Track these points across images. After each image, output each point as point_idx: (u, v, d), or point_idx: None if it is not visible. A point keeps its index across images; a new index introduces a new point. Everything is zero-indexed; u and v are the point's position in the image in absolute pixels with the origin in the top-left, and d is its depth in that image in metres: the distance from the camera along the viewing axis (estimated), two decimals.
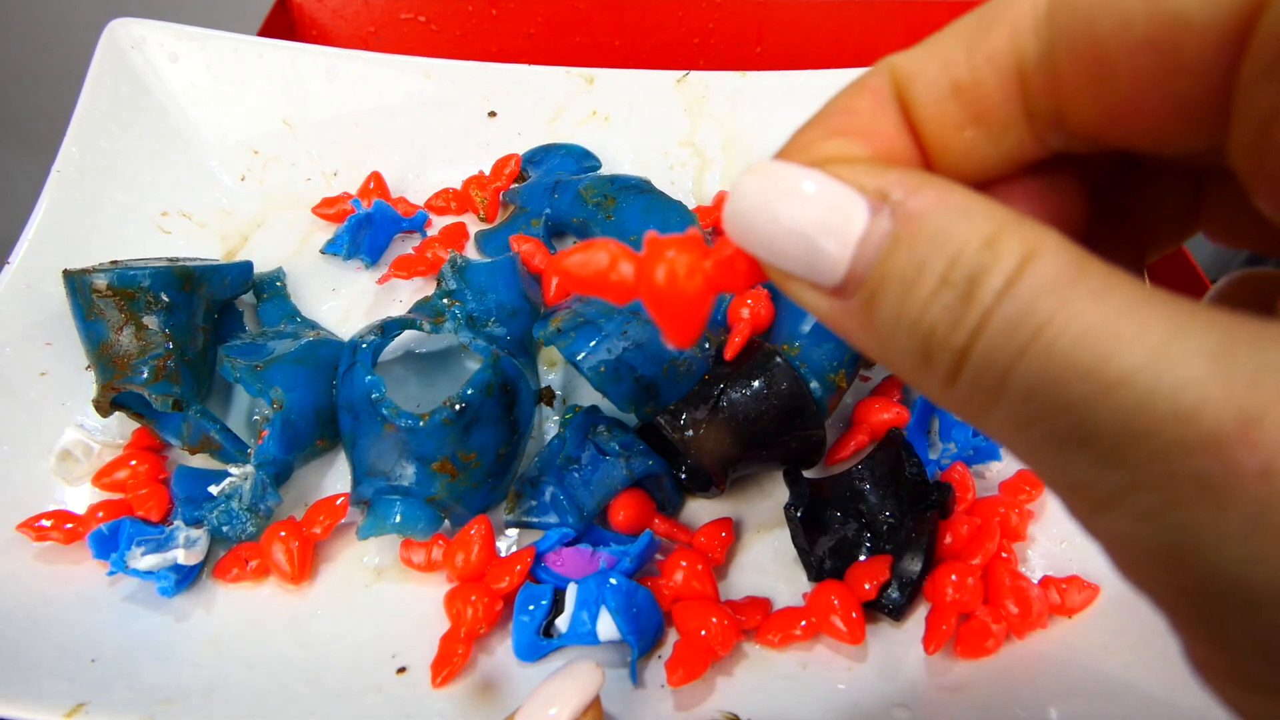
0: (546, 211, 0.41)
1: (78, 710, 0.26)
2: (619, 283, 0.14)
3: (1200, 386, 0.10)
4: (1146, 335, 0.10)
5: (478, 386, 0.32)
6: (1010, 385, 0.11)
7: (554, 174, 0.43)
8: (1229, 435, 0.10)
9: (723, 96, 0.46)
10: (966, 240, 0.11)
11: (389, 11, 0.54)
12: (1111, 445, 0.10)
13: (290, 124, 0.45)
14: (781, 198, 0.13)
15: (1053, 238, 0.11)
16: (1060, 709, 0.27)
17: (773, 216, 0.13)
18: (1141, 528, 0.10)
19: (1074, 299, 0.11)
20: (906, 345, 0.12)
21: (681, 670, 0.29)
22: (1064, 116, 0.13)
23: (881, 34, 0.55)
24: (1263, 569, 0.10)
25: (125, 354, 0.33)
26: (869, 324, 0.12)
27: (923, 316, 0.12)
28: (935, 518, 0.32)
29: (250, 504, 0.32)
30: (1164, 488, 0.10)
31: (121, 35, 0.43)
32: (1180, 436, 0.10)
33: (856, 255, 0.12)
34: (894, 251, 0.12)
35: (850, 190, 0.12)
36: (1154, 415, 0.10)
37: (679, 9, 0.54)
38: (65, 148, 0.40)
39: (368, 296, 0.42)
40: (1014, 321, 0.11)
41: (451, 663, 0.29)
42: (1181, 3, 0.11)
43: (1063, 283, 0.11)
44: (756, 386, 0.32)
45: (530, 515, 0.33)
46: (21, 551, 0.32)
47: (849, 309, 0.13)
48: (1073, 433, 0.11)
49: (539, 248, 0.40)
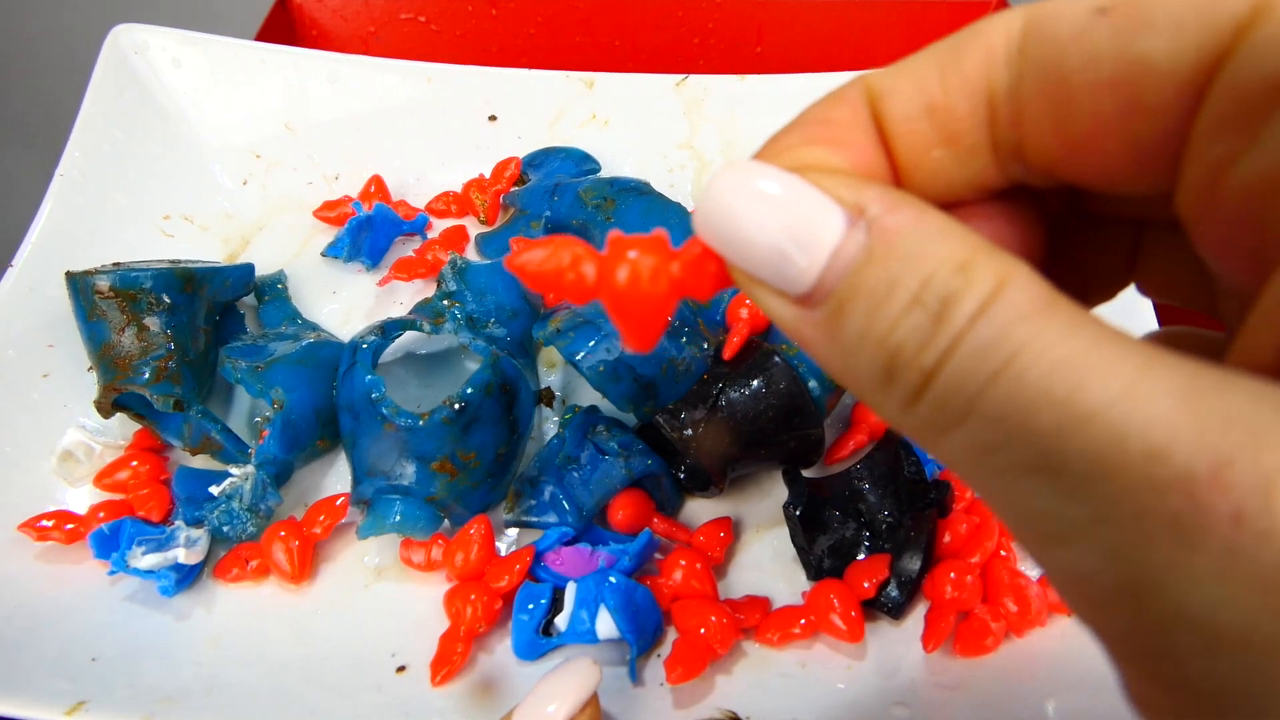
0: (546, 214, 0.42)
1: (78, 708, 0.26)
2: (576, 282, 0.14)
3: (1170, 426, 0.10)
4: (1117, 371, 0.10)
5: (477, 386, 0.32)
6: (978, 410, 0.11)
7: (554, 177, 0.43)
8: (1200, 477, 0.09)
9: (721, 100, 0.46)
10: (942, 262, 0.11)
11: (389, 11, 0.54)
12: (1080, 477, 0.10)
13: (292, 128, 0.46)
14: (756, 200, 0.12)
15: (1024, 269, 0.11)
16: (1058, 704, 0.27)
17: (745, 218, 0.12)
18: (1103, 563, 0.10)
19: (1046, 330, 0.11)
20: (870, 361, 0.12)
21: (680, 668, 0.29)
22: (1025, 147, 0.13)
23: (881, 34, 0.56)
24: (1231, 613, 0.10)
25: (127, 355, 0.33)
26: (833, 336, 0.12)
27: (890, 334, 0.12)
28: (934, 516, 0.32)
29: (251, 504, 0.32)
30: (1132, 524, 0.10)
31: (125, 40, 0.43)
32: (1151, 474, 0.10)
33: (828, 266, 0.12)
34: (867, 266, 0.12)
35: (827, 199, 0.12)
36: (1125, 451, 0.10)
37: (679, 9, 0.54)
38: (69, 151, 0.40)
39: (368, 299, 0.42)
40: (986, 347, 0.11)
41: (451, 661, 0.29)
42: (1149, 47, 0.12)
43: (1034, 313, 0.11)
44: (755, 386, 0.32)
45: (530, 515, 0.33)
46: (23, 551, 0.32)
47: (813, 319, 0.13)
48: (1040, 462, 0.11)
49: None
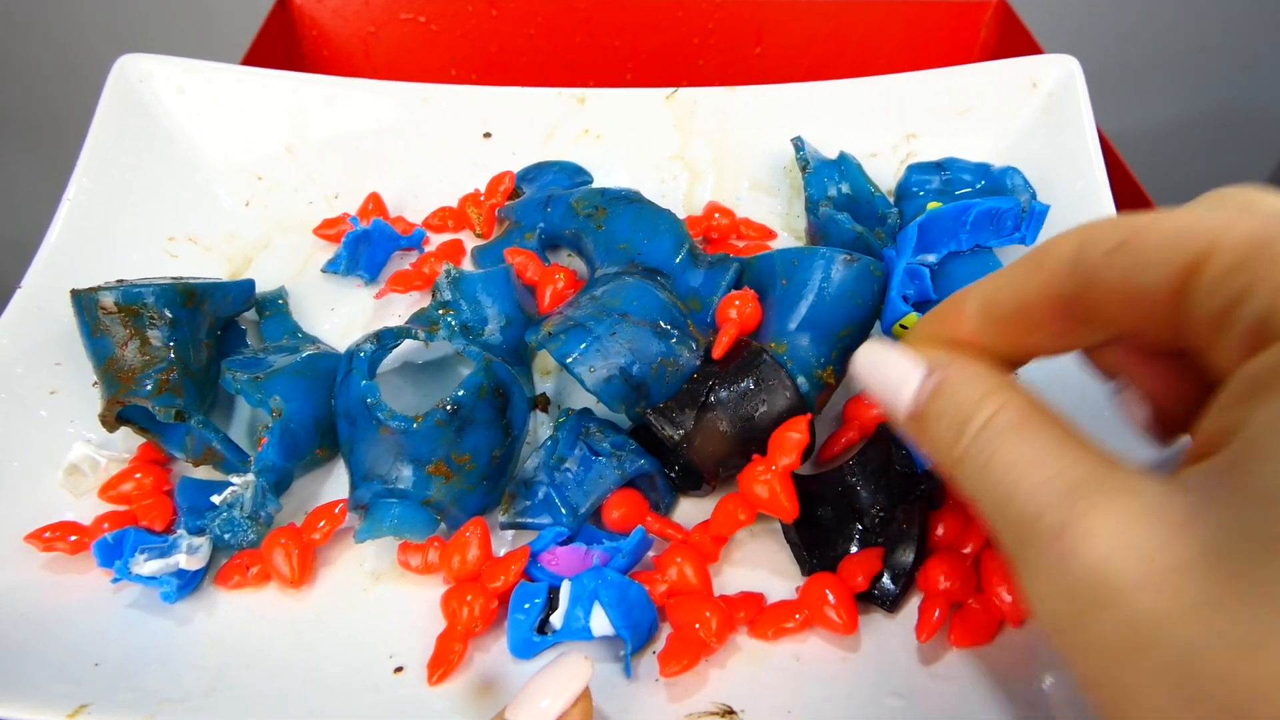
0: (540, 225, 0.42)
1: (80, 711, 0.27)
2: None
3: (1037, 488, 0.17)
4: (1043, 466, 0.18)
5: (469, 389, 0.32)
6: (975, 491, 0.19)
7: (547, 189, 0.44)
8: (1050, 525, 0.17)
9: (711, 111, 0.47)
10: (966, 396, 0.20)
11: (389, 11, 0.55)
12: (1006, 525, 0.18)
13: (292, 150, 0.47)
14: (880, 364, 0.23)
15: (1018, 397, 0.19)
16: (1051, 693, 0.27)
17: (873, 376, 0.23)
18: (1024, 571, 0.18)
19: (1009, 440, 0.19)
20: (935, 450, 0.21)
21: (675, 664, 0.29)
22: (1090, 320, 0.20)
23: (881, 35, 0.56)
24: (1043, 605, 0.17)
25: (130, 368, 0.34)
26: (922, 439, 0.21)
27: (940, 437, 0.20)
28: (925, 509, 0.32)
29: (251, 512, 0.33)
30: (1020, 550, 0.18)
31: (130, 70, 0.45)
32: (1024, 522, 0.17)
33: (914, 399, 0.21)
34: (932, 400, 0.21)
35: (913, 361, 0.22)
36: (1023, 515, 0.17)
37: (678, 9, 0.55)
38: (76, 177, 0.42)
39: (366, 313, 0.43)
40: (980, 447, 0.19)
41: (448, 660, 0.30)
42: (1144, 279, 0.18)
43: (1010, 429, 0.19)
44: (745, 384, 0.33)
45: (524, 516, 0.33)
46: (29, 561, 0.33)
47: (912, 430, 0.22)
48: (994, 515, 0.19)
49: (532, 259, 0.41)
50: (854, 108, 0.46)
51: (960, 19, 0.59)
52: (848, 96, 0.46)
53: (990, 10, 0.59)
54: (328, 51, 0.60)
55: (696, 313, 0.36)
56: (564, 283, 0.40)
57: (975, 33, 0.59)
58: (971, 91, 0.45)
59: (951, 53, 0.60)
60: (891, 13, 0.58)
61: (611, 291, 0.36)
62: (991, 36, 0.59)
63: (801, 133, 0.44)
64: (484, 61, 0.58)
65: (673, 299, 0.36)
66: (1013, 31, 0.57)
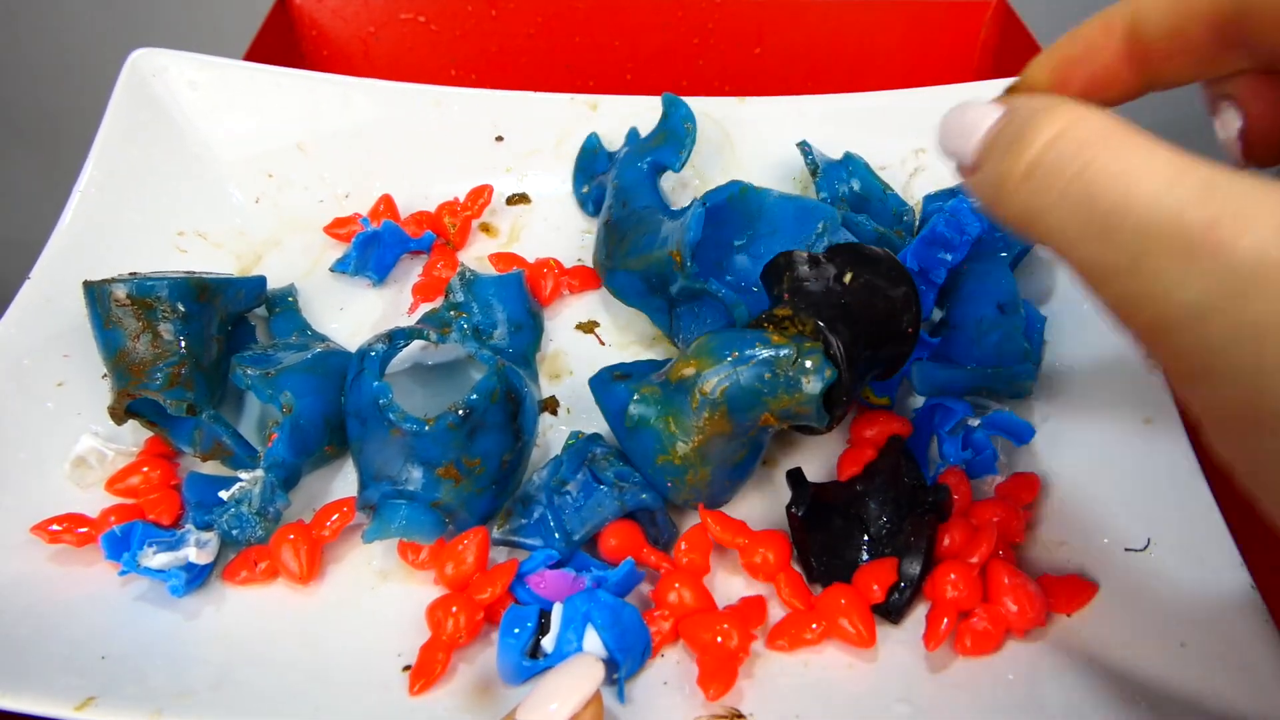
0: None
1: (88, 704, 0.27)
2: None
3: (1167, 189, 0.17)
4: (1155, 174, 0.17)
5: (482, 392, 0.33)
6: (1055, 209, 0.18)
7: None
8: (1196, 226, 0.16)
9: (720, 121, 0.48)
10: (1031, 114, 0.19)
11: (389, 11, 0.55)
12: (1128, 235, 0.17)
13: (304, 148, 0.47)
14: (958, 115, 0.22)
15: (1096, 114, 0.18)
16: (1058, 701, 0.27)
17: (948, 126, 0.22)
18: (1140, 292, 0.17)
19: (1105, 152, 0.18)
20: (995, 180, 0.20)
21: (715, 683, 0.28)
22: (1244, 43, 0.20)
23: (881, 35, 0.57)
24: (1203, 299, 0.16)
25: (141, 361, 0.34)
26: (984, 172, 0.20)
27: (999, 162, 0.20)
28: (933, 521, 0.32)
29: (260, 507, 0.33)
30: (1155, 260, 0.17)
31: (144, 64, 0.45)
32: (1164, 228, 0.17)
33: (983, 138, 0.21)
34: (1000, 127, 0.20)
35: (990, 107, 0.21)
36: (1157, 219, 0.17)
37: (678, 10, 0.55)
38: (88, 170, 0.42)
39: (374, 313, 0.43)
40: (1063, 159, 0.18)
41: (431, 671, 0.29)
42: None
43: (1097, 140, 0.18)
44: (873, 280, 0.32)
45: (517, 534, 0.33)
46: (35, 553, 0.33)
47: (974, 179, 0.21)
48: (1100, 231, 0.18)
49: (544, 266, 0.41)
50: (862, 120, 0.47)
51: (960, 19, 0.59)
52: (856, 109, 0.47)
53: (990, 10, 0.59)
54: (327, 51, 0.60)
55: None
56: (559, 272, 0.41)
57: (975, 33, 0.59)
58: None
59: (951, 53, 0.60)
60: (892, 13, 0.58)
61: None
62: (992, 37, 0.59)
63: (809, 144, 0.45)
64: (484, 62, 0.58)
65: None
66: (1013, 31, 0.57)
